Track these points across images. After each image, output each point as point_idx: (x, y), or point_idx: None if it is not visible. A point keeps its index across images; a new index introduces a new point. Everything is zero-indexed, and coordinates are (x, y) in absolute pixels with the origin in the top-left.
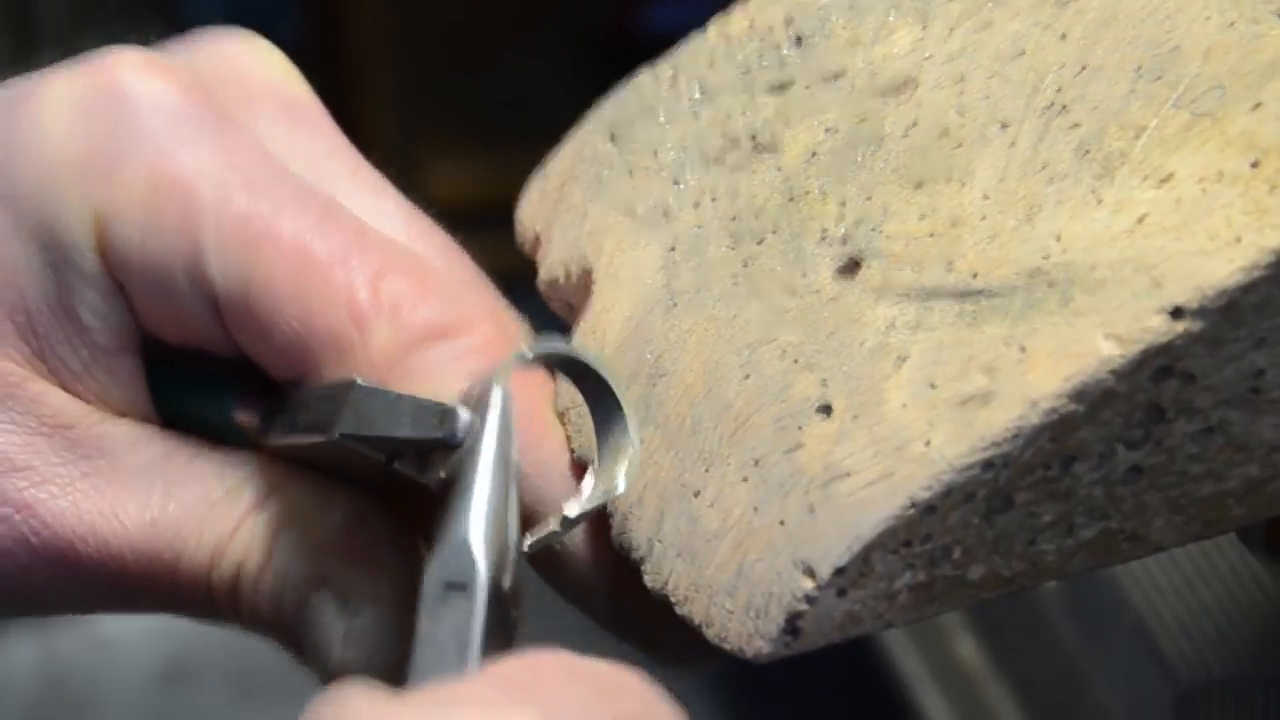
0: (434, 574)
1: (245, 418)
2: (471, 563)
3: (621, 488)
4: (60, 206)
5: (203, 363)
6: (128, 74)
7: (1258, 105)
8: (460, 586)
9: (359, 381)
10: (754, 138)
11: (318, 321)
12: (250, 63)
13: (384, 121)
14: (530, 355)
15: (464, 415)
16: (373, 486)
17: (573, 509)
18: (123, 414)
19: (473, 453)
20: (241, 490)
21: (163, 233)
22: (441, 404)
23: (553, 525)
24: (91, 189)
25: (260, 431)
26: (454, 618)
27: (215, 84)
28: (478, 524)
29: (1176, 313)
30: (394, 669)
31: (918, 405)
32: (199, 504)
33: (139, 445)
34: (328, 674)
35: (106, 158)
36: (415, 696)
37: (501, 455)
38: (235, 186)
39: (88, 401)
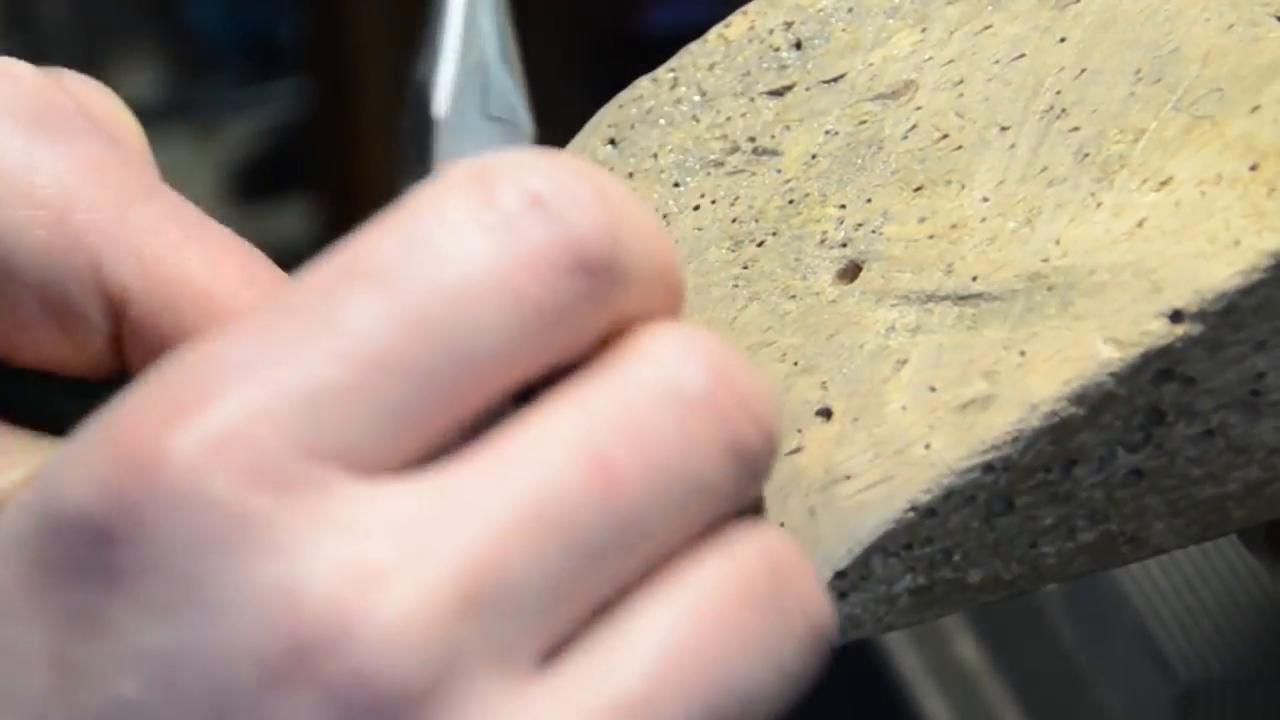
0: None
1: None
2: (428, 106)
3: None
4: None
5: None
6: None
7: (1256, 108)
8: (421, 138)
9: None
10: (753, 141)
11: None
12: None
13: (384, 122)
14: None
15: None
16: None
17: None
18: None
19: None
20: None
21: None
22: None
23: None
24: None
25: None
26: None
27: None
28: (442, 62)
29: (1176, 316)
30: None
31: (918, 408)
32: None
33: None
34: None
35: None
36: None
37: None
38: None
39: None
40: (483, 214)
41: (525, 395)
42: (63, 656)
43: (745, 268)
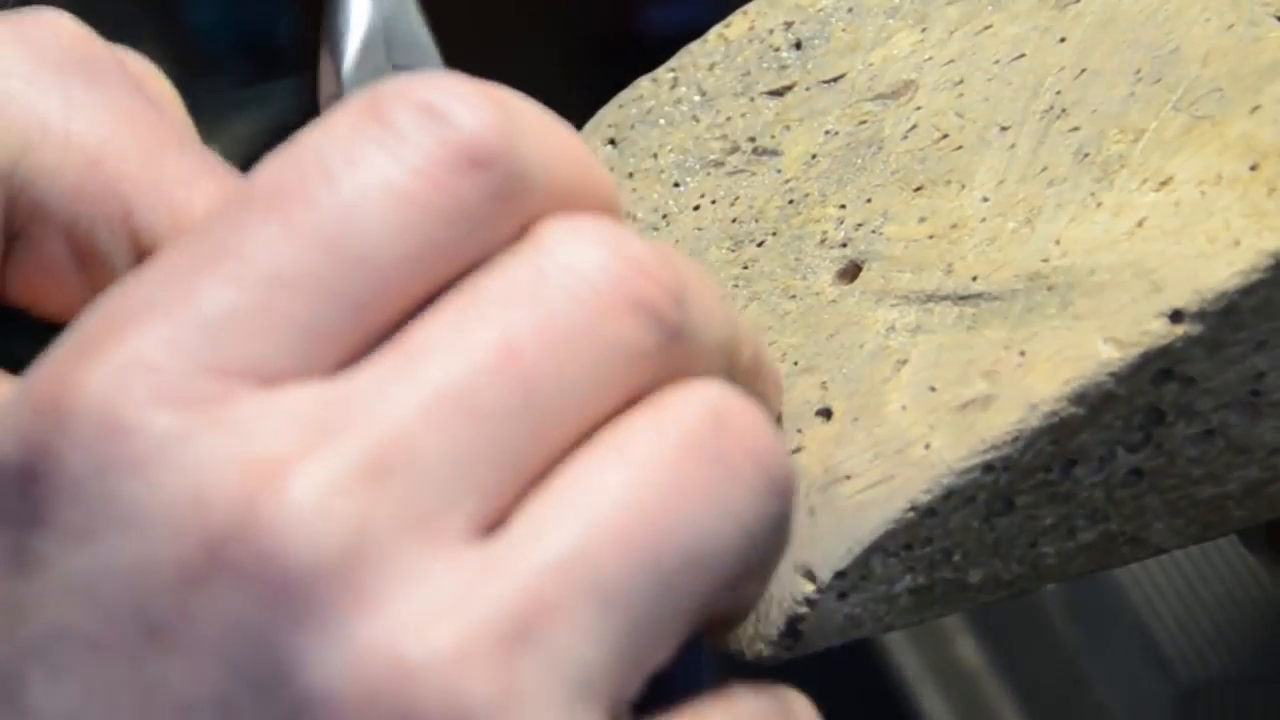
0: None
1: None
2: (336, 64)
3: None
4: None
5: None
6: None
7: (1256, 108)
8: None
9: None
10: (753, 141)
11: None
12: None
13: None
14: None
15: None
16: None
17: None
18: None
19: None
20: None
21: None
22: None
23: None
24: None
25: None
26: None
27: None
28: (349, 21)
29: (1176, 316)
30: None
31: (918, 408)
32: None
33: None
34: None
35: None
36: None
37: None
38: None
39: None
40: (372, 129)
41: None
42: (2, 599)
43: (745, 268)
